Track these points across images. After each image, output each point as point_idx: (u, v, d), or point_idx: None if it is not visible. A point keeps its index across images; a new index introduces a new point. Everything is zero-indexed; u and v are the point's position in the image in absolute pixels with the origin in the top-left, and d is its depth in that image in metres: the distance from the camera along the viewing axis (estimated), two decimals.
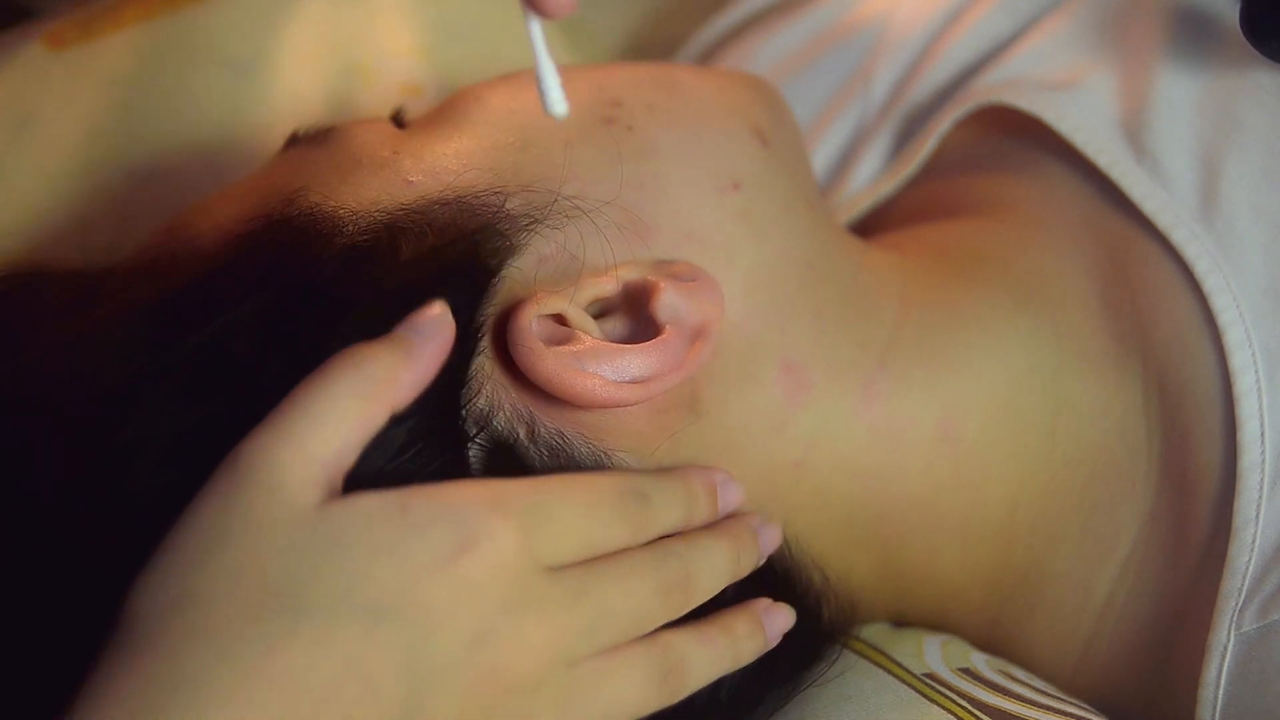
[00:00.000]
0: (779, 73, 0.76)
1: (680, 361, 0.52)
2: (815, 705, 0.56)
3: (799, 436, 0.56)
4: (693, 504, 0.51)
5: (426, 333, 0.47)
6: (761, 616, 0.52)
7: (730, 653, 0.50)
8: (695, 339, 0.52)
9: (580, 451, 0.52)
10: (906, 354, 0.58)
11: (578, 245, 0.53)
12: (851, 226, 0.71)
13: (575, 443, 0.52)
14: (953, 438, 0.58)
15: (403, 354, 0.46)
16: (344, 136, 0.57)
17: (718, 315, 0.53)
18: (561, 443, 0.51)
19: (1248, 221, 0.58)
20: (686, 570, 0.49)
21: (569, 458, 0.51)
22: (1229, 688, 0.54)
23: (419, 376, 0.47)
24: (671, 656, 0.48)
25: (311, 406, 0.45)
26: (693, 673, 0.49)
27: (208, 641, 0.42)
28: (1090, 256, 0.61)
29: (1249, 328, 0.56)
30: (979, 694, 0.56)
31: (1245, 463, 0.55)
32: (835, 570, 0.57)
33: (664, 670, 0.47)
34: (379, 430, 0.46)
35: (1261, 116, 0.59)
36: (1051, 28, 0.68)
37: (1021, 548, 0.60)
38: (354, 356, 0.46)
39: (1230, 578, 0.54)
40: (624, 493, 0.48)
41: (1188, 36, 0.62)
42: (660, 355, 0.51)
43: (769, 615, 0.52)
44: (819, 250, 0.59)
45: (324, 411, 0.44)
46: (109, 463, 0.48)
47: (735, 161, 0.57)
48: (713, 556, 0.50)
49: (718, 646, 0.50)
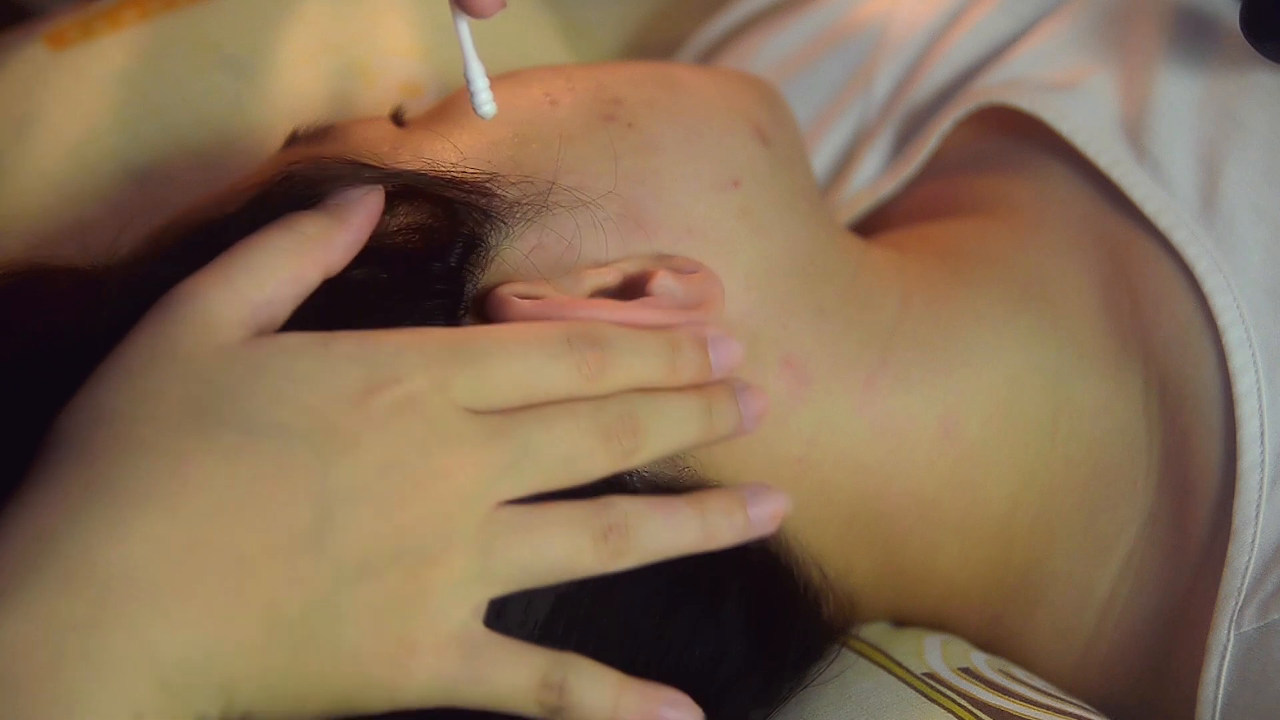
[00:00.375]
0: (780, 73, 0.76)
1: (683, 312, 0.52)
2: (815, 705, 0.56)
3: (801, 432, 0.56)
4: (676, 356, 0.49)
5: (357, 201, 0.49)
6: (746, 496, 0.49)
7: (696, 527, 0.48)
8: (695, 307, 0.52)
9: None
10: (907, 352, 0.59)
11: (575, 237, 0.53)
12: (853, 226, 0.71)
13: None
14: (954, 436, 0.58)
15: (335, 218, 0.49)
16: (343, 134, 0.57)
17: (718, 299, 0.53)
18: None
19: (1248, 222, 0.58)
20: (635, 416, 0.48)
21: None
22: (1229, 687, 0.54)
23: (351, 238, 0.49)
24: (613, 514, 0.47)
25: (245, 255, 0.47)
26: (642, 538, 0.47)
27: (125, 454, 0.43)
28: (1091, 256, 0.61)
29: (1249, 328, 0.56)
30: (979, 693, 0.56)
31: (1245, 463, 0.55)
32: (835, 567, 0.57)
33: (602, 527, 0.47)
34: (313, 286, 0.48)
35: (1262, 117, 0.59)
36: (1052, 29, 0.68)
37: (1022, 546, 0.60)
38: (289, 218, 0.48)
39: (1230, 577, 0.54)
40: (572, 338, 0.48)
41: (1188, 37, 0.62)
42: (639, 312, 0.51)
43: (755, 496, 0.50)
44: (820, 248, 0.59)
45: (257, 260, 0.47)
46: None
47: (735, 159, 0.57)
48: (673, 407, 0.49)
49: (678, 516, 0.48)
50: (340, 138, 0.57)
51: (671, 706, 0.47)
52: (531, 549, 0.46)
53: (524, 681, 0.46)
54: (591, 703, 0.46)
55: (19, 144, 0.72)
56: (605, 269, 0.53)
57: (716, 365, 0.50)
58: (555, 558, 0.46)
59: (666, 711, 0.47)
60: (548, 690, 0.46)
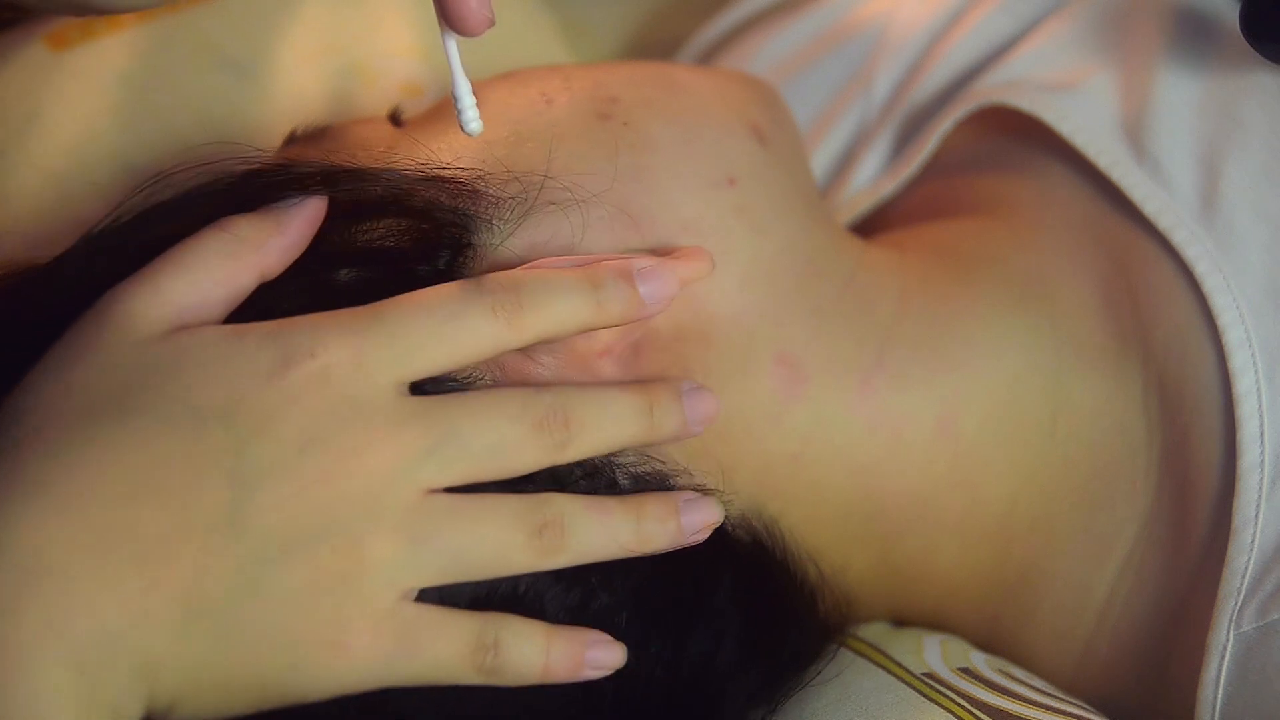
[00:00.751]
0: (780, 73, 0.76)
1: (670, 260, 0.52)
2: (815, 705, 0.56)
3: (795, 429, 0.56)
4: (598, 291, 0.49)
5: (296, 206, 0.49)
6: (680, 504, 0.50)
7: (631, 530, 0.49)
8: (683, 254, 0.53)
9: None
10: (905, 351, 0.59)
11: (569, 234, 0.53)
12: (853, 226, 0.71)
13: None
14: (951, 435, 0.58)
15: (271, 222, 0.49)
16: (341, 134, 0.57)
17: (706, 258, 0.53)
18: None
19: (1248, 222, 0.58)
20: (568, 409, 0.48)
21: None
22: (1228, 687, 0.54)
23: (287, 243, 0.49)
24: (549, 511, 0.47)
25: (176, 258, 0.48)
26: (577, 537, 0.47)
27: (41, 446, 0.44)
28: (1090, 257, 0.62)
29: (1249, 328, 0.56)
30: (978, 693, 0.56)
31: (1245, 463, 0.55)
32: (831, 564, 0.58)
33: (537, 524, 0.47)
34: (247, 289, 0.48)
35: (1262, 117, 0.59)
36: (1053, 29, 0.68)
37: (1020, 546, 0.60)
38: (224, 221, 0.49)
39: (1229, 578, 0.54)
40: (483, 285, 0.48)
41: (1188, 38, 0.62)
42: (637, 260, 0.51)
43: (689, 505, 0.50)
44: (817, 247, 0.59)
45: (186, 264, 0.48)
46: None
47: (731, 157, 0.58)
48: (610, 402, 0.49)
49: (614, 518, 0.48)
50: (338, 138, 0.57)
51: (595, 646, 0.48)
52: (462, 539, 0.46)
53: (459, 649, 0.46)
54: (525, 657, 0.47)
55: (19, 144, 0.72)
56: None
57: (649, 296, 0.50)
58: (487, 551, 0.46)
59: (593, 652, 0.48)
60: (483, 652, 0.46)
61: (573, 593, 0.50)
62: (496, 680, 0.47)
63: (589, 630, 0.49)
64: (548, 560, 0.47)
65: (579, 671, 0.48)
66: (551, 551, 0.47)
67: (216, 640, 0.44)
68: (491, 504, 0.47)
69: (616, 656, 0.49)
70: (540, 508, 0.47)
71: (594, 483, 0.50)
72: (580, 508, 0.48)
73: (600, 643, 0.48)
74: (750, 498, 0.55)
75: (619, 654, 0.49)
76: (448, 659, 0.46)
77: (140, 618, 0.43)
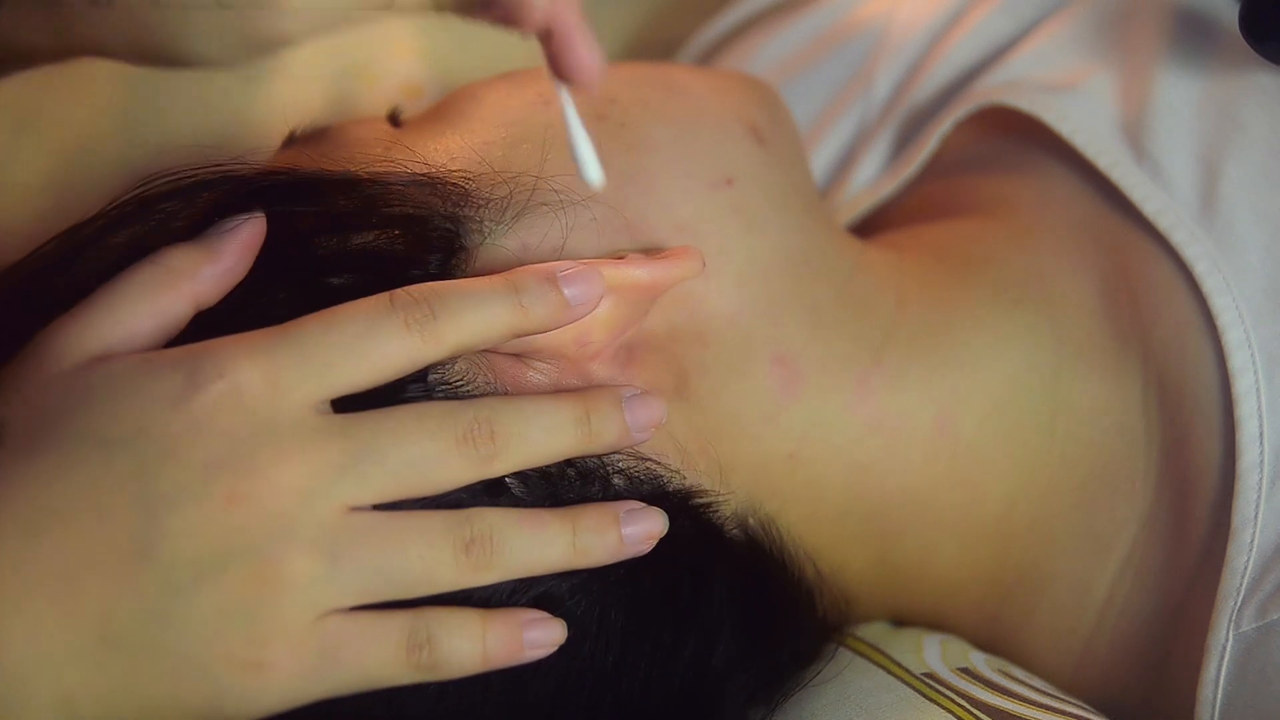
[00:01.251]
0: (779, 73, 0.76)
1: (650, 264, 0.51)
2: (814, 705, 0.56)
3: (791, 429, 0.56)
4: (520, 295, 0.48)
5: (231, 232, 0.49)
6: (621, 514, 0.49)
7: (566, 543, 0.47)
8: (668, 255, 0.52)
9: None
10: (903, 351, 0.59)
11: (562, 235, 0.53)
12: (852, 227, 0.71)
13: None
14: (950, 434, 0.58)
15: (204, 250, 0.48)
16: (339, 135, 0.57)
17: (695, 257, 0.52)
18: None
19: (1248, 222, 0.58)
20: (493, 420, 0.47)
21: None
22: (1228, 687, 0.54)
23: (222, 270, 0.48)
24: (477, 526, 0.46)
25: (106, 295, 0.47)
26: (509, 552, 0.46)
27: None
28: (1090, 257, 0.62)
29: (1248, 328, 0.56)
30: (978, 693, 0.56)
31: (1244, 463, 0.55)
32: (830, 563, 0.58)
33: (465, 539, 0.46)
34: (181, 318, 0.48)
35: (1261, 118, 0.59)
36: (1052, 30, 0.68)
37: (1019, 546, 0.60)
38: (155, 254, 0.48)
39: (1229, 577, 0.54)
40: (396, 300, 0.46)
41: (1188, 38, 0.63)
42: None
43: (631, 516, 0.49)
44: (815, 247, 0.59)
45: (113, 298, 0.47)
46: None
47: (729, 158, 0.58)
48: (540, 412, 0.48)
49: (548, 532, 0.47)
50: (337, 139, 0.57)
51: (533, 625, 0.47)
52: (384, 557, 0.45)
53: (390, 651, 0.45)
54: (461, 648, 0.46)
55: (19, 144, 0.72)
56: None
57: (574, 299, 0.49)
58: (412, 568, 0.45)
59: (531, 632, 0.47)
60: (416, 650, 0.45)
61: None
62: (436, 675, 0.46)
63: (524, 610, 0.47)
64: (477, 576, 0.46)
65: (519, 654, 0.47)
66: (481, 567, 0.46)
67: (133, 669, 0.43)
68: (417, 520, 0.46)
69: (556, 633, 0.48)
70: (468, 523, 0.46)
71: (587, 484, 0.50)
72: (512, 522, 0.47)
73: (537, 621, 0.47)
74: (747, 497, 0.55)
75: (558, 630, 0.48)
76: (379, 663, 0.45)
77: (54, 650, 0.42)
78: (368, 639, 0.45)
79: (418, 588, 0.46)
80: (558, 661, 0.49)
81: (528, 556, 0.47)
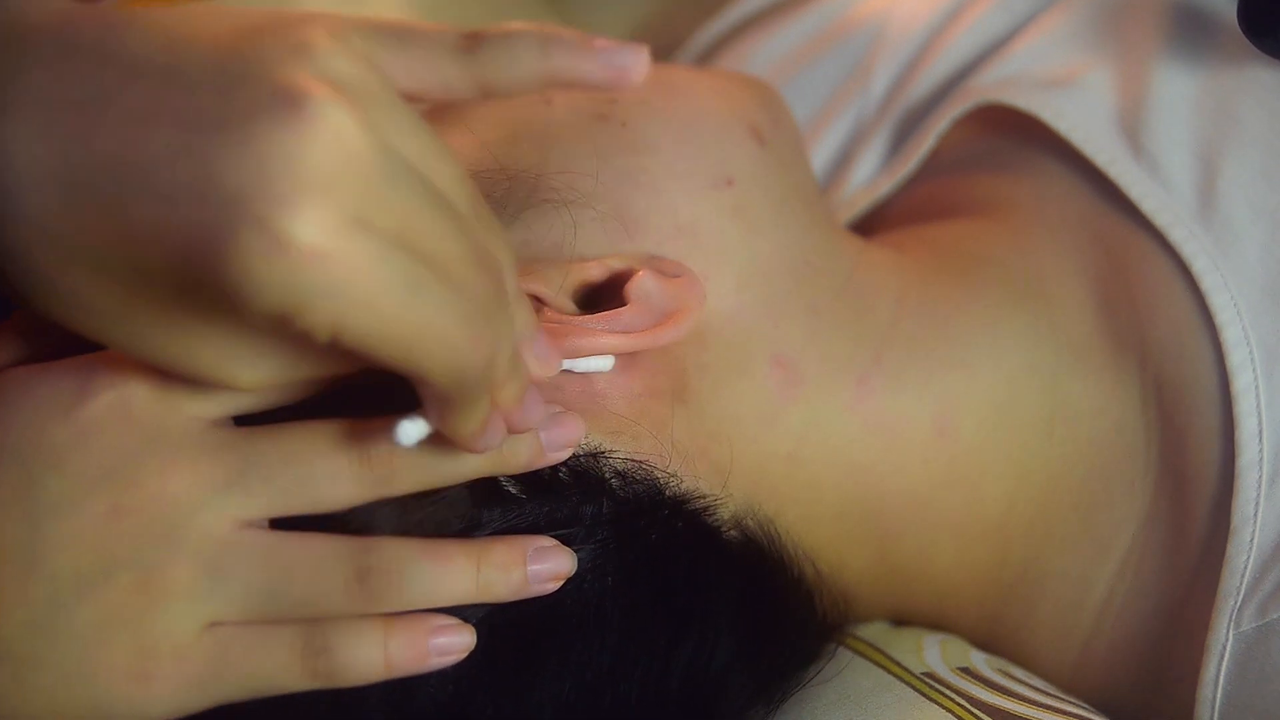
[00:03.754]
0: (778, 72, 0.76)
1: (637, 335, 0.51)
2: (814, 704, 0.56)
3: (790, 430, 0.56)
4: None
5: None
6: (529, 551, 0.47)
7: (469, 579, 0.46)
8: (664, 321, 0.52)
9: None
10: (902, 351, 0.59)
11: (563, 234, 0.53)
12: (851, 225, 0.71)
13: None
14: (949, 435, 0.58)
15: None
16: None
17: (695, 307, 0.52)
18: None
19: (1246, 220, 0.57)
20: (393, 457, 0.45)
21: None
22: (1228, 687, 0.54)
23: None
24: (375, 557, 0.45)
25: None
26: (406, 585, 0.45)
27: None
28: (1088, 255, 0.61)
29: (1246, 326, 0.56)
30: (978, 693, 0.56)
31: (1243, 461, 0.55)
32: (829, 563, 0.57)
33: (360, 569, 0.44)
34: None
35: (1260, 114, 0.59)
36: (1049, 26, 0.68)
37: (1019, 546, 0.60)
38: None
39: (1229, 577, 0.54)
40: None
41: (1186, 34, 0.62)
42: (612, 324, 0.50)
43: (539, 554, 0.47)
44: (815, 247, 0.59)
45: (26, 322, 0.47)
46: None
47: (729, 158, 0.58)
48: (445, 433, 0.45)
49: (452, 566, 0.45)
50: None
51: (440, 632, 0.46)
52: (268, 578, 0.44)
53: (285, 658, 0.44)
54: (362, 656, 0.45)
55: None
56: (590, 263, 0.53)
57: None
58: (297, 592, 0.44)
59: (437, 639, 0.46)
60: (313, 658, 0.44)
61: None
62: (335, 683, 0.45)
63: (431, 616, 0.46)
64: (369, 606, 0.45)
65: (424, 661, 0.45)
66: (375, 599, 0.45)
67: (17, 680, 0.43)
68: (311, 545, 0.45)
69: (464, 639, 0.46)
70: (366, 553, 0.45)
71: (581, 483, 0.50)
72: (414, 554, 0.45)
73: (444, 628, 0.46)
74: (746, 498, 0.55)
75: (466, 637, 0.46)
76: (273, 672, 0.44)
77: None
78: (260, 648, 0.44)
79: (305, 611, 0.45)
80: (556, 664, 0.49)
81: (426, 591, 0.45)
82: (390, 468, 0.45)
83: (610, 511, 0.50)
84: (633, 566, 0.50)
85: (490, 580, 0.46)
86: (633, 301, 0.52)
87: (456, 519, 0.48)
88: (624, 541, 0.50)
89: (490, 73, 0.41)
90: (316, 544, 0.45)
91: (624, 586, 0.50)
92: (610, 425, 0.52)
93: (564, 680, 0.50)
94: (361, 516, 0.46)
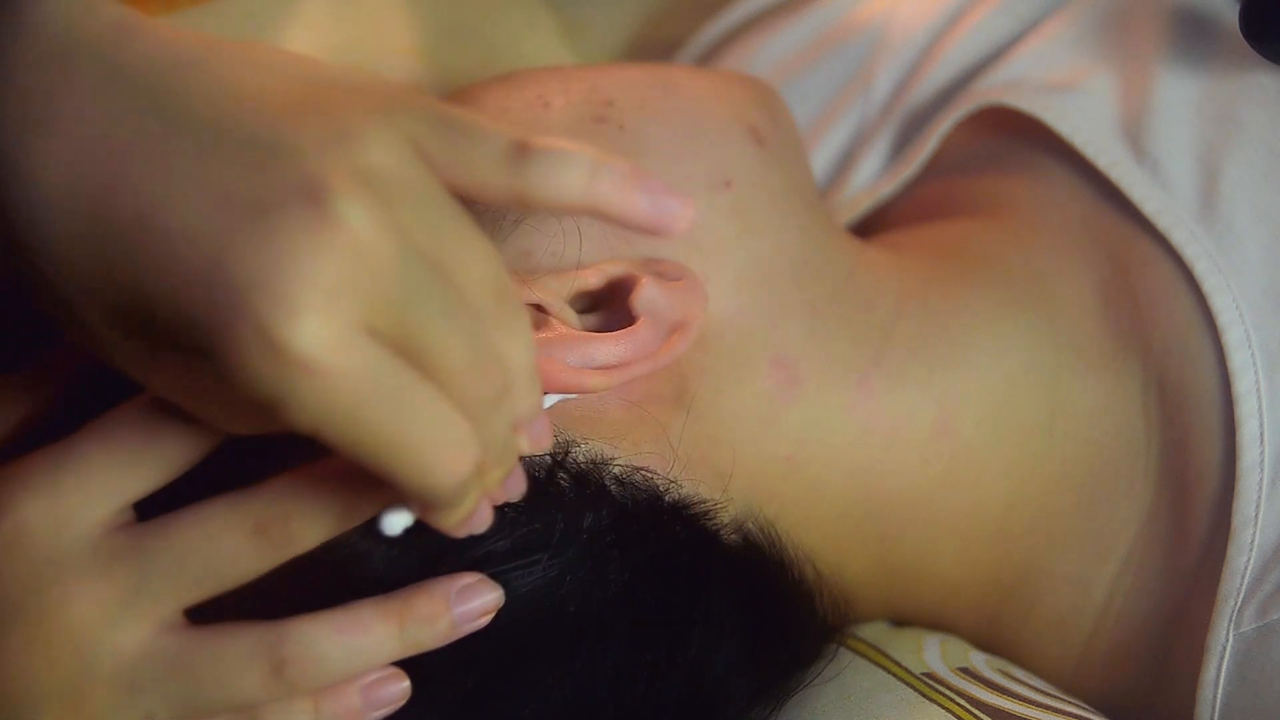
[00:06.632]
0: (779, 73, 0.76)
1: (650, 352, 0.51)
2: (814, 704, 0.56)
3: (790, 431, 0.56)
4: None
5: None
6: (452, 594, 0.46)
7: (394, 642, 0.45)
8: (672, 333, 0.52)
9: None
10: (902, 352, 0.59)
11: (560, 239, 0.53)
12: (852, 227, 0.71)
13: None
14: (949, 435, 0.58)
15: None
16: None
17: (699, 314, 0.52)
18: None
19: (1248, 222, 0.58)
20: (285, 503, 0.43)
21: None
22: (1228, 687, 0.54)
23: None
24: (286, 649, 0.44)
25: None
26: (326, 667, 0.44)
27: None
28: (1090, 257, 0.62)
29: (1248, 328, 0.56)
30: (978, 693, 0.56)
31: (1244, 463, 0.55)
32: (829, 564, 0.57)
33: (275, 660, 0.43)
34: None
35: (1261, 117, 0.59)
36: (1052, 30, 0.68)
37: (1019, 546, 0.60)
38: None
39: (1229, 578, 0.54)
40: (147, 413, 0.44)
41: (1188, 38, 0.62)
42: (628, 344, 0.50)
43: (463, 593, 0.46)
44: (814, 248, 0.59)
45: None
46: None
47: (728, 160, 0.58)
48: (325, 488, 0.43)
49: (372, 636, 0.44)
50: None
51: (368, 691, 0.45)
52: (187, 685, 0.44)
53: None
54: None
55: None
56: (588, 270, 0.52)
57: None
58: (218, 695, 0.44)
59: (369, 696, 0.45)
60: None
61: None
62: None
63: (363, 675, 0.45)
64: (293, 693, 0.44)
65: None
66: (294, 688, 0.44)
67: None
68: (223, 643, 0.44)
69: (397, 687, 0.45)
70: (280, 644, 0.44)
71: (583, 490, 0.50)
72: (329, 633, 0.44)
73: (374, 684, 0.45)
74: (746, 501, 0.55)
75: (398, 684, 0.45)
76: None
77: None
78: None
79: (227, 705, 0.44)
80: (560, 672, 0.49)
81: (346, 666, 0.44)
82: (287, 533, 0.43)
83: (611, 518, 0.50)
84: (634, 573, 0.50)
85: (415, 635, 0.45)
86: (643, 316, 0.51)
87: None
88: (625, 548, 0.50)
89: (532, 186, 0.40)
90: (226, 643, 0.44)
91: (626, 593, 0.50)
92: (610, 431, 0.52)
93: (567, 688, 0.50)
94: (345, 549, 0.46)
